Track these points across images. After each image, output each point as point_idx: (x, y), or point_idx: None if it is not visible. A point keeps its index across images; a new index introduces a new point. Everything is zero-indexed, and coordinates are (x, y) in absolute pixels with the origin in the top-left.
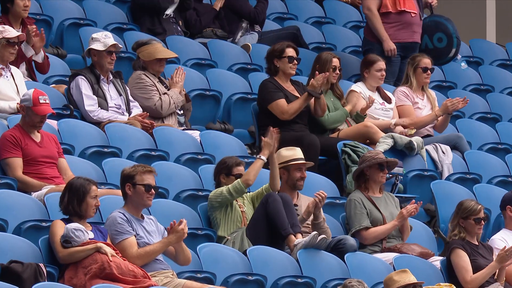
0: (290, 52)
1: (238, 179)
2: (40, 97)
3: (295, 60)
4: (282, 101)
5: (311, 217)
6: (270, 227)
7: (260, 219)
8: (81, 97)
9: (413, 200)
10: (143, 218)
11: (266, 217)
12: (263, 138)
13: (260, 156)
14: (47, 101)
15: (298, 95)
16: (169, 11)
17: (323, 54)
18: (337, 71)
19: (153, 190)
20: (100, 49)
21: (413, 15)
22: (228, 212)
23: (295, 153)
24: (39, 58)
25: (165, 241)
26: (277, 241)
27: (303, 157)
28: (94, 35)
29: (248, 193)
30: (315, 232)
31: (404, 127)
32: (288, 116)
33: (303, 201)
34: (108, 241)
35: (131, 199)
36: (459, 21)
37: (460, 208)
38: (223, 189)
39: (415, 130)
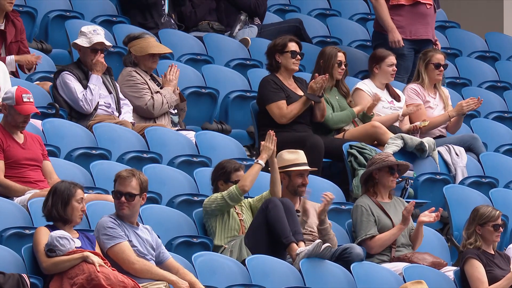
0: (293, 46)
1: (234, 185)
2: (23, 95)
3: (298, 55)
4: (282, 103)
5: (315, 223)
6: (270, 234)
7: (259, 226)
8: (71, 90)
9: (412, 202)
10: (138, 225)
11: (266, 224)
12: (261, 142)
13: (257, 161)
14: (31, 100)
15: (302, 94)
16: (165, 6)
17: (327, 48)
18: (343, 67)
19: (123, 198)
20: (84, 45)
21: (428, 6)
22: (225, 220)
23: (298, 157)
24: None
25: (174, 280)
26: (278, 249)
27: (306, 161)
28: (83, 29)
29: (247, 199)
30: (319, 241)
31: (412, 119)
32: (286, 120)
33: (307, 206)
34: (97, 249)
35: None
36: (474, 14)
37: (476, 215)
38: (218, 195)
39: (428, 121)
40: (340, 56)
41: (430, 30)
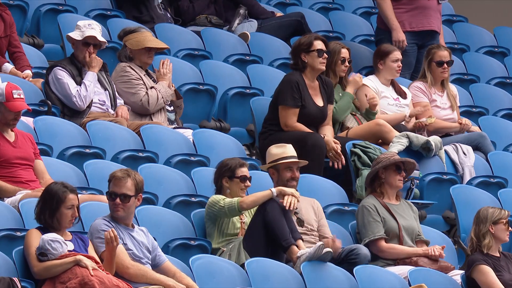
0: (319, 45)
1: (237, 198)
2: (14, 91)
3: (324, 54)
4: (294, 112)
5: (314, 220)
6: (269, 237)
7: (257, 228)
8: (63, 86)
9: (444, 245)
10: (133, 227)
11: (264, 226)
12: (282, 190)
13: (272, 188)
14: (22, 96)
15: (321, 101)
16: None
17: (331, 44)
18: (346, 63)
19: (118, 199)
20: (76, 38)
21: None
22: (224, 224)
23: (285, 150)
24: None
25: (171, 284)
26: (277, 252)
27: (294, 154)
28: (79, 22)
29: None
30: (320, 243)
31: (418, 116)
32: (286, 129)
33: (303, 204)
34: (91, 249)
35: None
36: (483, 7)
37: (487, 214)
38: (221, 201)
39: (434, 118)
40: (344, 53)
41: (434, 22)
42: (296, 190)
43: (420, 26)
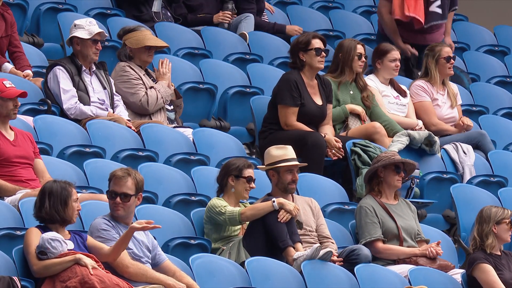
0: (317, 43)
1: (238, 209)
2: (4, 82)
3: (323, 52)
4: (293, 111)
5: (313, 221)
6: (268, 236)
7: (257, 227)
8: (59, 91)
9: (438, 249)
10: None
11: (264, 225)
12: (280, 201)
13: (273, 200)
14: (12, 85)
15: (320, 99)
16: (156, 6)
17: (346, 41)
18: (363, 59)
19: (118, 199)
20: (85, 37)
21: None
22: (224, 227)
23: (286, 152)
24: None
25: (171, 283)
26: (276, 252)
27: (294, 156)
28: (76, 22)
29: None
30: (317, 245)
31: (419, 116)
32: (287, 128)
33: (299, 203)
34: (90, 241)
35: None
36: (483, 6)
37: (490, 214)
38: (222, 209)
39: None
40: (360, 49)
41: (432, 38)
42: (296, 190)
43: (412, 41)
